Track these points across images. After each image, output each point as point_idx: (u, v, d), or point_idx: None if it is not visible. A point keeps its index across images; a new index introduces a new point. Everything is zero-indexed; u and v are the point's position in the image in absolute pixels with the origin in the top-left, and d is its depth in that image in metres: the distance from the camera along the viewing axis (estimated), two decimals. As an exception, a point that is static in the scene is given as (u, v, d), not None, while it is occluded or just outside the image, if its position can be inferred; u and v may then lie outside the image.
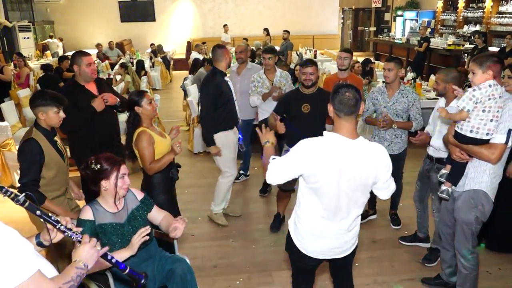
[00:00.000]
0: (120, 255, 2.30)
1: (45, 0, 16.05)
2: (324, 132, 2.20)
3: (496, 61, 2.51)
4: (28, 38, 14.16)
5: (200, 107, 4.34)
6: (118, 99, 3.67)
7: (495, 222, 3.61)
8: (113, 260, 1.84)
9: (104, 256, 1.81)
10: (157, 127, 3.29)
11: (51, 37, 15.20)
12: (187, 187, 5.10)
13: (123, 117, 3.98)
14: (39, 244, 1.84)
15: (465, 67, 7.03)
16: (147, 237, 2.35)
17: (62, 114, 2.89)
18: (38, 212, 1.67)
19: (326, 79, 4.84)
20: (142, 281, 1.86)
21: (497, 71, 2.51)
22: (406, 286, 3.36)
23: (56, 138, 2.98)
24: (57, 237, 1.83)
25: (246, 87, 4.89)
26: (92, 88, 3.64)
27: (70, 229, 1.75)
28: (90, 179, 2.38)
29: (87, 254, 1.71)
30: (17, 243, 1.42)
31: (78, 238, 1.74)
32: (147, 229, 2.33)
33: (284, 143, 3.97)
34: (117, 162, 2.38)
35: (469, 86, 2.66)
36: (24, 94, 7.21)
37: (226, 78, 4.09)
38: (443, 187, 2.89)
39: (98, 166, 2.33)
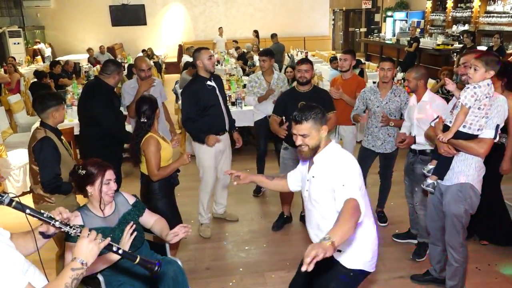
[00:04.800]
0: (111, 258, 2.32)
1: (35, 6, 15.96)
2: (333, 148, 2.24)
3: (498, 62, 2.58)
4: (18, 43, 14.08)
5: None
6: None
7: (485, 216, 3.68)
8: (120, 252, 1.69)
9: (109, 248, 1.67)
10: (159, 133, 3.30)
11: (38, 42, 15.11)
12: (179, 190, 5.04)
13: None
14: (43, 235, 1.73)
15: (454, 66, 7.11)
16: (134, 233, 2.34)
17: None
18: (28, 211, 1.58)
19: (332, 81, 4.88)
20: (156, 268, 1.72)
21: (496, 71, 2.58)
22: (397, 284, 3.39)
23: (62, 137, 3.14)
24: (57, 230, 1.69)
25: None
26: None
27: (67, 224, 1.64)
28: (77, 184, 2.41)
29: (86, 249, 1.57)
30: (4, 262, 1.39)
31: (77, 233, 1.63)
32: (132, 226, 2.32)
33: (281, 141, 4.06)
34: (103, 167, 2.39)
35: (460, 82, 2.73)
36: (15, 100, 7.17)
37: (211, 83, 3.89)
38: (429, 181, 2.95)
39: (84, 171, 2.35)
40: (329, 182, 2.13)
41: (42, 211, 1.62)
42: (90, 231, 1.62)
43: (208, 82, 3.90)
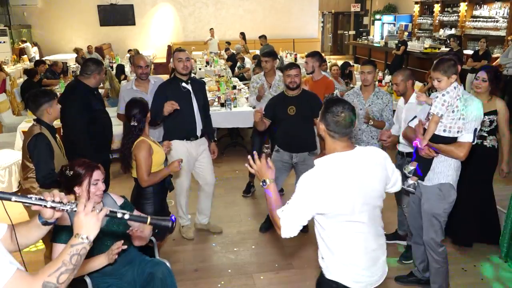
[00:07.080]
0: (98, 262, 2.31)
1: (22, 4, 15.73)
2: (319, 161, 1.98)
3: (455, 63, 2.67)
4: (4, 42, 13.87)
5: None
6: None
7: (459, 216, 3.74)
8: (126, 217, 1.58)
9: (113, 215, 1.58)
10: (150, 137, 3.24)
11: (24, 41, 14.88)
12: (168, 192, 5.08)
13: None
14: (45, 223, 1.64)
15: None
16: (125, 246, 2.33)
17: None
18: (13, 198, 1.49)
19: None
20: (171, 224, 1.60)
21: (456, 73, 2.68)
22: (384, 285, 3.41)
23: (56, 135, 3.18)
24: (55, 214, 1.59)
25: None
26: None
27: (60, 202, 1.54)
28: (64, 185, 2.38)
29: (85, 222, 1.48)
30: None
31: (73, 209, 1.54)
32: (121, 244, 2.31)
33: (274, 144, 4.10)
34: (91, 167, 2.36)
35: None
36: (0, 99, 7.06)
37: (186, 86, 3.77)
38: (410, 181, 3.01)
39: (71, 172, 2.33)
40: None
41: (30, 195, 1.53)
42: (86, 203, 1.52)
43: (183, 84, 3.77)
